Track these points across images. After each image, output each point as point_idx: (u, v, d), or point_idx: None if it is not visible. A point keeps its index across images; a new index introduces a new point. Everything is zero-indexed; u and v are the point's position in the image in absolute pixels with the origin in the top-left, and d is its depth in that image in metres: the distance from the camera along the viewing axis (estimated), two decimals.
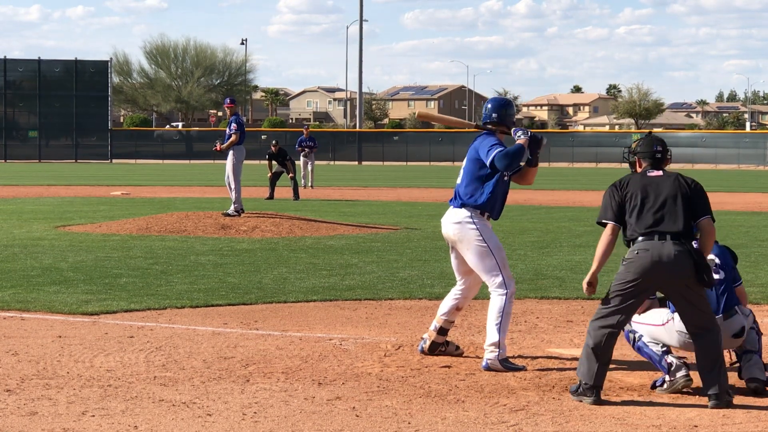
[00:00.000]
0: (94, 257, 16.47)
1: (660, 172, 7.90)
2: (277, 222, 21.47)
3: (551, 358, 9.34)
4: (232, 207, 21.74)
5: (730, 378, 7.92)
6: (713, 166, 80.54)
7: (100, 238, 19.55)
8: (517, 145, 8.98)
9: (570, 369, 8.77)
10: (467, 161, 9.11)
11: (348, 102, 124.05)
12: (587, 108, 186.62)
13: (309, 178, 41.43)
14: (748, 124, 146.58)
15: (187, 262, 15.88)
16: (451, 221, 9.08)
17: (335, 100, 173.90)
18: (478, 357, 9.20)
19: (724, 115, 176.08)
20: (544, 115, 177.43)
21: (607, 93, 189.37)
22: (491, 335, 8.83)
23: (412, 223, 24.11)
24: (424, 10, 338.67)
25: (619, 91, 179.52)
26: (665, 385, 8.00)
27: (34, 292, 12.80)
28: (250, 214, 22.02)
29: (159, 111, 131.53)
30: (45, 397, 7.70)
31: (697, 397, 7.88)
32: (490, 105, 9.28)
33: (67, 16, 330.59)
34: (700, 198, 7.77)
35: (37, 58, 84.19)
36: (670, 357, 8.02)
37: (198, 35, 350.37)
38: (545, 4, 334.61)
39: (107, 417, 7.20)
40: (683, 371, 7.92)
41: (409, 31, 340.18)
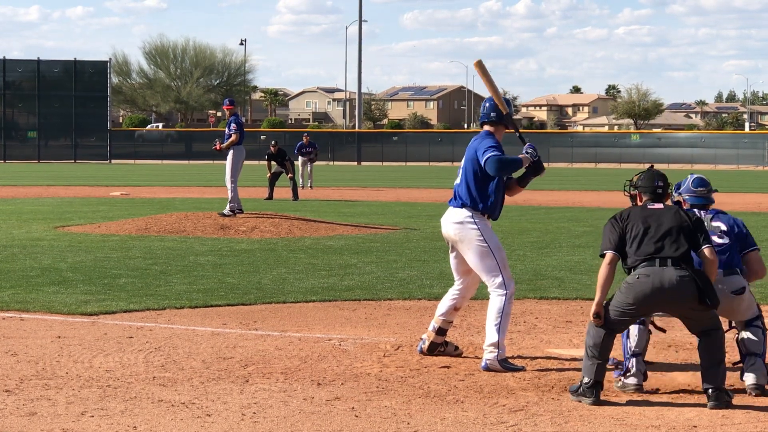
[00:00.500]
0: (94, 258, 16.47)
1: (661, 205, 8.03)
2: (276, 222, 21.47)
3: (550, 358, 9.34)
4: (228, 207, 21.72)
5: (730, 378, 7.92)
6: (712, 166, 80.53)
7: (100, 239, 19.55)
8: (517, 158, 8.94)
9: (569, 369, 8.78)
10: (466, 161, 9.07)
11: (347, 102, 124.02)
12: (586, 108, 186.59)
13: (308, 179, 41.45)
14: (747, 125, 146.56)
15: (186, 263, 15.88)
16: (451, 221, 9.06)
17: (334, 100, 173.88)
18: (477, 357, 9.20)
19: (724, 115, 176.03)
20: (543, 115, 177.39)
21: (606, 93, 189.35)
22: (490, 335, 8.82)
23: (411, 224, 24.12)
24: (423, 11, 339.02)
25: (619, 91, 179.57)
26: (619, 384, 8.16)
27: (33, 292, 12.79)
28: (249, 215, 22.01)
29: (158, 111, 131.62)
30: (44, 398, 7.70)
31: (697, 398, 7.88)
32: (488, 104, 9.23)
33: (67, 16, 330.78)
34: (701, 231, 7.89)
35: (36, 59, 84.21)
36: (634, 361, 8.13)
37: (197, 35, 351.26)
38: (544, 5, 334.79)
39: (106, 417, 7.20)
40: (635, 381, 8.07)
41: (408, 32, 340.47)
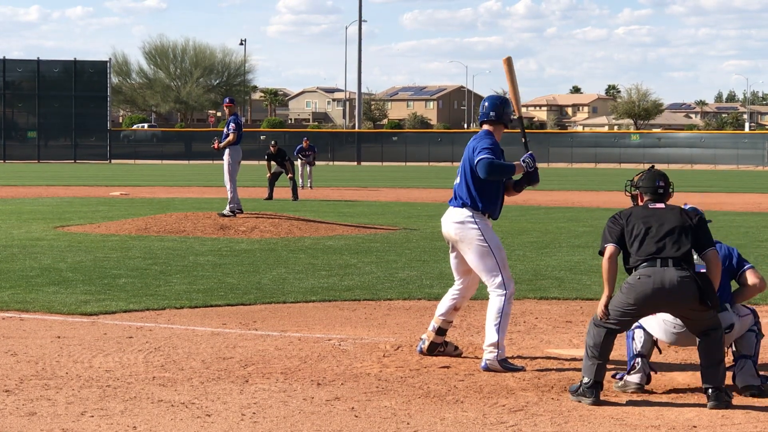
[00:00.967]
0: (93, 257, 16.47)
1: (662, 205, 8.02)
2: (276, 222, 21.47)
3: (550, 358, 9.34)
4: (228, 207, 21.73)
5: (727, 379, 7.92)
6: (712, 166, 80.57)
7: (99, 239, 19.55)
8: (510, 164, 8.93)
9: (569, 369, 8.78)
10: (465, 161, 9.05)
11: (347, 102, 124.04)
12: (586, 108, 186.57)
13: (307, 179, 41.44)
14: (747, 125, 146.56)
15: (186, 263, 15.88)
16: (452, 220, 9.06)
17: (334, 100, 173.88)
18: (477, 357, 9.19)
19: (723, 115, 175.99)
20: (543, 115, 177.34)
21: (606, 93, 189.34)
22: (490, 336, 8.82)
23: (411, 224, 24.12)
24: (423, 11, 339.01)
25: (618, 91, 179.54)
26: (620, 383, 8.14)
27: (33, 292, 12.79)
28: (249, 215, 22.01)
29: (158, 111, 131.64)
30: (44, 398, 7.70)
31: (696, 398, 7.88)
32: (487, 103, 9.22)
33: (67, 16, 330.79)
34: (703, 230, 7.87)
35: (36, 59, 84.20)
36: (639, 360, 8.12)
37: (197, 36, 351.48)
38: (544, 5, 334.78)
39: (106, 417, 7.19)
40: (637, 379, 8.06)
41: (408, 32, 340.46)
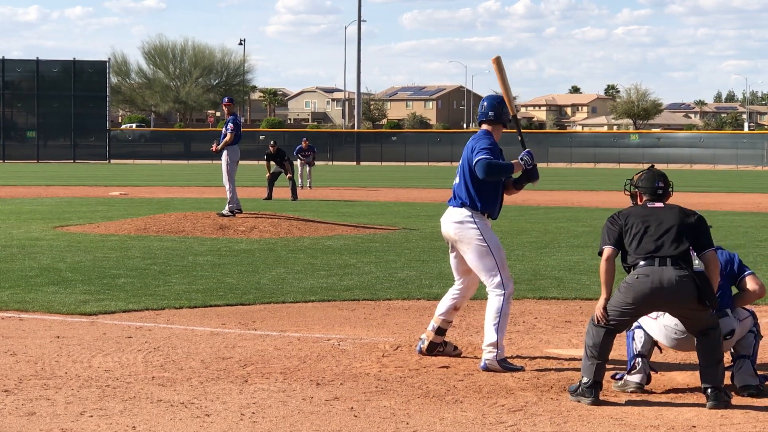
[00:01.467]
0: (93, 257, 16.47)
1: (661, 204, 8.01)
2: (275, 222, 21.47)
3: (549, 358, 9.34)
4: (227, 207, 21.73)
5: (726, 379, 7.92)
6: (711, 166, 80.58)
7: (99, 239, 19.55)
8: (509, 164, 8.93)
9: (568, 369, 8.78)
10: (464, 160, 9.05)
11: (346, 102, 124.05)
12: (585, 108, 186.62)
13: (307, 179, 41.45)
14: (746, 125, 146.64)
15: (185, 263, 15.87)
16: (451, 220, 9.06)
17: (333, 100, 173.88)
18: (476, 357, 9.19)
19: (723, 115, 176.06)
20: (542, 115, 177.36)
21: (605, 93, 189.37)
22: (489, 336, 8.82)
23: (410, 224, 24.12)
24: (422, 11, 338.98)
25: (618, 91, 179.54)
26: (620, 383, 8.14)
27: (32, 292, 12.79)
28: (248, 215, 22.00)
29: (157, 111, 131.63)
30: (43, 398, 7.69)
31: (696, 397, 7.88)
32: (486, 103, 9.22)
33: (66, 16, 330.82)
34: (703, 230, 7.86)
35: (35, 59, 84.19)
36: (640, 360, 8.11)
37: (196, 36, 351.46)
38: (543, 5, 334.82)
39: (105, 417, 7.19)
40: (637, 379, 8.05)
41: (407, 32, 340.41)
